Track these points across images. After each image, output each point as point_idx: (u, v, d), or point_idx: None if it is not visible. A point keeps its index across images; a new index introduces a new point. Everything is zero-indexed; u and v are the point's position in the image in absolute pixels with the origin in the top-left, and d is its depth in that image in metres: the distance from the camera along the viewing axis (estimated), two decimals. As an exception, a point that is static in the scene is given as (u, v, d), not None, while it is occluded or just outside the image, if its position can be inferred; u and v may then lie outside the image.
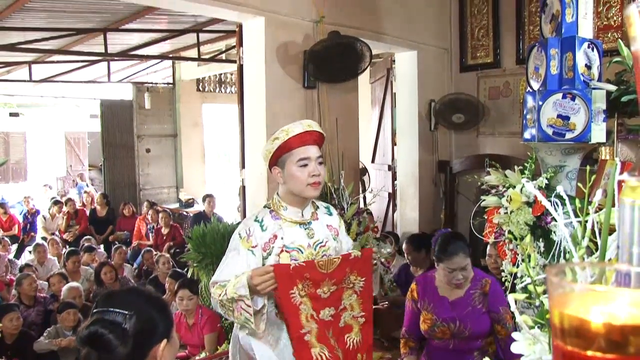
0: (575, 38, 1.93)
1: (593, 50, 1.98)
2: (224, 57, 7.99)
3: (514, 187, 1.89)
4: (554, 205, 1.68)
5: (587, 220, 1.05)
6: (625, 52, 1.88)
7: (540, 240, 1.89)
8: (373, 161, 6.18)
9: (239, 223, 2.23)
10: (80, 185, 12.47)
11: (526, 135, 2.06)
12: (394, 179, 5.65)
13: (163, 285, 4.86)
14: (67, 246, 6.99)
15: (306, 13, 4.05)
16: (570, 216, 1.09)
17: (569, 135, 1.91)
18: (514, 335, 1.07)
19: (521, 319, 1.01)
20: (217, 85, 10.42)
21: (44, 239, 7.65)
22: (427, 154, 5.38)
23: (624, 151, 2.83)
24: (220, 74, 10.19)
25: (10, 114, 13.42)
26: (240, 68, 4.07)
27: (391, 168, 5.64)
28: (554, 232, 1.84)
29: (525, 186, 1.77)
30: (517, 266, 1.78)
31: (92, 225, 8.12)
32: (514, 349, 1.05)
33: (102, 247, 7.65)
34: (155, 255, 5.96)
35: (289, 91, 3.95)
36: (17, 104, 13.43)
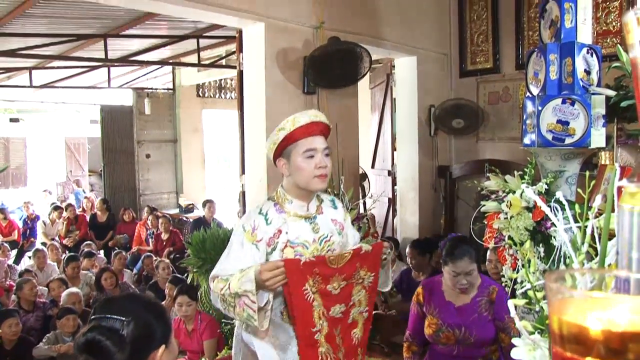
0: (574, 43, 1.93)
1: (592, 55, 1.98)
2: (224, 63, 8.02)
3: (514, 193, 1.89)
4: (554, 210, 1.68)
5: (587, 225, 1.05)
6: (624, 58, 1.88)
7: (540, 245, 1.89)
8: (373, 166, 6.18)
9: None
10: (77, 192, 12.45)
11: (526, 141, 2.06)
12: (394, 184, 5.65)
13: (163, 290, 4.85)
14: (67, 251, 6.97)
15: (306, 19, 4.06)
16: (570, 221, 1.09)
17: (568, 141, 1.91)
18: (514, 340, 1.07)
19: (521, 325, 1.01)
20: (217, 90, 10.44)
21: (43, 244, 7.64)
22: (427, 159, 5.37)
23: (624, 156, 2.83)
24: (220, 80, 10.22)
25: (11, 120, 13.46)
26: (240, 74, 4.08)
27: (391, 173, 5.64)
28: (553, 238, 1.84)
29: (525, 191, 1.77)
30: (517, 271, 1.77)
31: (93, 231, 8.11)
32: (514, 354, 1.04)
33: (102, 253, 7.64)
34: (155, 260, 5.95)
35: (289, 97, 3.95)
36: (18, 110, 13.45)
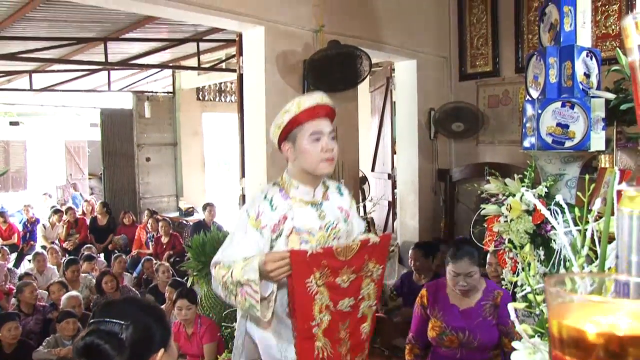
0: (573, 47, 1.93)
1: (592, 58, 1.98)
2: (223, 66, 8.01)
3: (514, 196, 1.89)
4: (554, 213, 1.68)
5: (587, 228, 1.05)
6: (623, 61, 1.88)
7: (540, 248, 1.88)
8: (373, 170, 6.18)
9: None
10: (74, 195, 12.41)
11: (525, 144, 2.06)
12: (394, 187, 5.65)
13: (163, 294, 4.85)
14: (67, 255, 6.96)
15: (306, 22, 4.06)
16: (570, 224, 1.09)
17: (568, 144, 1.91)
18: (514, 344, 1.06)
19: (521, 328, 1.00)
20: (217, 94, 10.44)
21: (43, 247, 7.63)
22: (427, 163, 5.37)
23: (623, 159, 2.83)
24: (220, 83, 10.22)
25: (11, 123, 13.45)
26: (240, 77, 4.09)
27: (391, 177, 5.64)
28: (553, 241, 1.83)
29: (525, 195, 1.77)
30: (517, 275, 1.77)
31: (93, 234, 8.10)
32: (515, 357, 1.04)
33: (102, 256, 7.63)
34: (155, 264, 5.94)
35: (289, 100, 3.94)
36: (18, 113, 13.44)
